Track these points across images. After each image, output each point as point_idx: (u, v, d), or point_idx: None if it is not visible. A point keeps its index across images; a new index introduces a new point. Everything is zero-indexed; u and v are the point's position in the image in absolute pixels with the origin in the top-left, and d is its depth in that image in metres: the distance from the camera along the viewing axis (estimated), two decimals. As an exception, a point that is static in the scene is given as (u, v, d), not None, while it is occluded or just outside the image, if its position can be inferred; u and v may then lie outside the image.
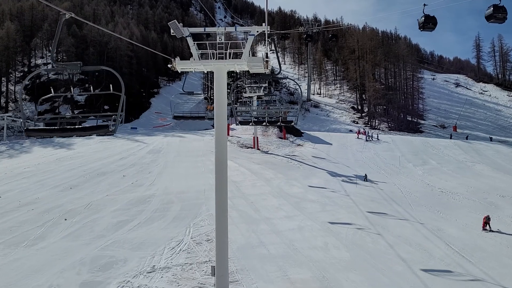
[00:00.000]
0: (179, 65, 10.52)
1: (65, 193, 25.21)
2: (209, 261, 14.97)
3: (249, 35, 10.60)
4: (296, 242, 17.53)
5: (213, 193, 10.97)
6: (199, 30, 11.01)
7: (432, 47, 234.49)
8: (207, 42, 10.64)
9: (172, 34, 10.59)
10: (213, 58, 10.78)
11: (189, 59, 10.80)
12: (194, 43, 10.57)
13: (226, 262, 11.57)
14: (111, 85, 9.81)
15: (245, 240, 17.68)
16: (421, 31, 22.83)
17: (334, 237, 18.24)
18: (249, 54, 10.41)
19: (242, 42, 10.98)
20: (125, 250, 16.45)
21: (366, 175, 31.51)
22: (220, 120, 10.43)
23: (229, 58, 10.68)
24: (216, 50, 10.64)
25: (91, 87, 10.93)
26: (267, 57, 9.79)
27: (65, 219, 20.21)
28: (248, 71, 11.95)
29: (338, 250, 16.75)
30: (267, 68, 10.38)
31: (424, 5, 19.92)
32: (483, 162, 39.83)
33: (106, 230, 18.74)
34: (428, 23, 20.72)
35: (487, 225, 19.54)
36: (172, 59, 10.50)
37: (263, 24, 10.26)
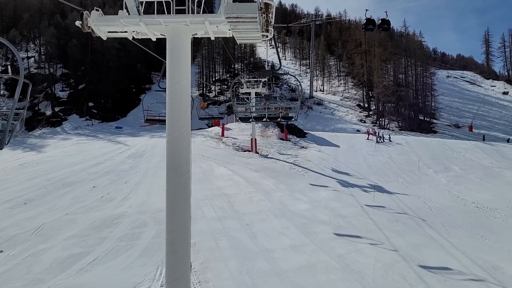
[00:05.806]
0: (97, 23, 5.45)
1: (15, 211, 20.29)
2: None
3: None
4: (307, 291, 12.64)
5: (198, 212, 6.29)
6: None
7: (434, 44, 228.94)
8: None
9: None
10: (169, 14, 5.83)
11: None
12: (128, -18, 5.58)
13: None
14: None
15: (236, 289, 12.77)
16: (364, 31, 32.46)
17: (358, 282, 13.32)
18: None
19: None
20: (63, 307, 11.55)
21: None
22: (175, 127, 5.42)
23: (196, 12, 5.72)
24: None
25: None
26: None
27: (1, 251, 15.34)
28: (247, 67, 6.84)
29: (367, 307, 11.85)
30: (266, 30, 5.35)
31: (366, 10, 25.47)
32: (512, 167, 34.92)
33: (48, 271, 13.80)
34: (369, 24, 25.61)
35: None
36: (85, 12, 5.46)
37: None
